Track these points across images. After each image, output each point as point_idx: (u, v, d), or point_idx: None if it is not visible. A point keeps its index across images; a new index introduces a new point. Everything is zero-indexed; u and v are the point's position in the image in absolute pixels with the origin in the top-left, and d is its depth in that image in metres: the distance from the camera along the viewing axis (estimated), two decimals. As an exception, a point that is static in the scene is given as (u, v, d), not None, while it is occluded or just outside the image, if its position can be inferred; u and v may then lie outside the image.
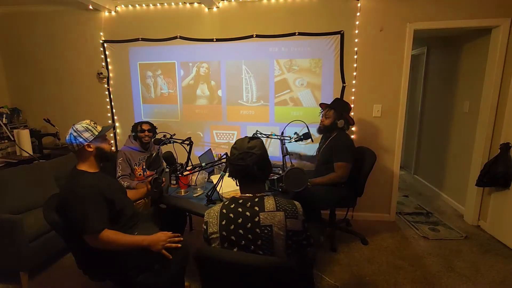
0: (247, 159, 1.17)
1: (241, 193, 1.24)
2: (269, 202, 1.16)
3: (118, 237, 1.48)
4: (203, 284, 1.21)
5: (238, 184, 1.26)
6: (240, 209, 1.15)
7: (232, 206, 1.18)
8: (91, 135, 1.56)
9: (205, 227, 1.20)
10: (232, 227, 1.13)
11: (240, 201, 1.18)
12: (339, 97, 2.87)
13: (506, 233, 2.56)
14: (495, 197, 2.70)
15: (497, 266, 2.29)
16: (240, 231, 1.12)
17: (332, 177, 2.31)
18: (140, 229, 1.70)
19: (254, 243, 1.11)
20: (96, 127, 1.60)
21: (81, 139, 1.53)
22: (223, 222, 1.15)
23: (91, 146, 1.57)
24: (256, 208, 1.14)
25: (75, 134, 1.53)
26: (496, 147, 2.63)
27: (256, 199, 1.17)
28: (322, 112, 2.53)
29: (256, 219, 1.12)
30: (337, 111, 2.41)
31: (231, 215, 1.15)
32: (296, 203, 1.21)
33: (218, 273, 1.14)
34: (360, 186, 2.47)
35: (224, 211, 1.17)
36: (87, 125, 1.57)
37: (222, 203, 1.23)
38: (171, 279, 1.62)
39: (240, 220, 1.13)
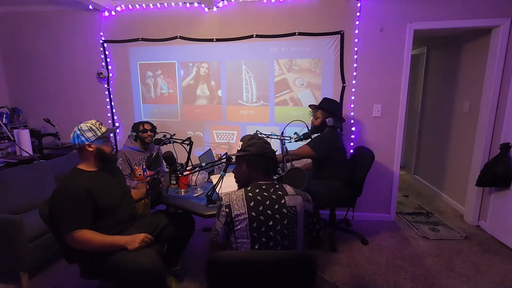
0: (270, 149, 1.39)
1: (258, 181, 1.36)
2: (288, 188, 1.33)
3: (95, 237, 1.48)
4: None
5: (255, 177, 1.36)
6: (265, 193, 1.28)
7: (257, 190, 1.29)
8: (93, 135, 1.58)
9: (227, 210, 1.25)
10: (261, 208, 1.24)
11: (264, 186, 1.31)
12: (339, 97, 2.88)
13: (506, 233, 2.56)
14: (495, 197, 2.70)
15: (497, 266, 2.29)
16: (269, 211, 1.24)
17: (294, 151, 2.40)
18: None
19: (281, 222, 1.23)
20: (101, 128, 1.63)
21: (83, 138, 1.56)
22: (252, 204, 1.25)
23: (91, 146, 1.58)
24: (280, 192, 1.29)
25: (78, 132, 1.56)
26: (496, 147, 2.63)
27: (277, 186, 1.33)
28: (312, 113, 2.55)
29: (283, 201, 1.26)
30: (325, 110, 2.44)
31: (258, 197, 1.26)
32: (305, 192, 1.39)
33: (231, 276, 1.13)
34: (359, 186, 2.47)
35: (250, 194, 1.28)
36: (91, 125, 1.60)
37: (242, 189, 1.32)
38: None
39: (268, 202, 1.25)
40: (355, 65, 2.82)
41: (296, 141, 2.49)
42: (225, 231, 1.27)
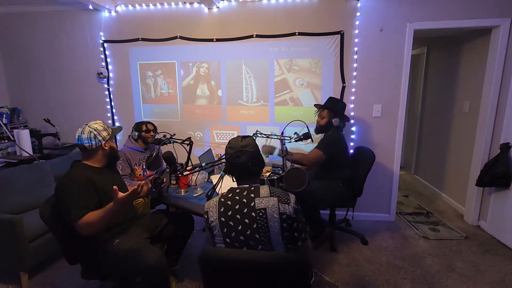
0: (242, 157, 1.30)
1: (238, 185, 1.35)
2: (264, 190, 1.28)
3: (96, 215, 1.43)
4: (205, 285, 1.21)
5: (234, 180, 1.38)
6: (237, 197, 1.26)
7: (230, 195, 1.29)
8: (108, 134, 1.63)
9: (206, 216, 1.29)
10: (230, 213, 1.23)
11: (237, 190, 1.30)
12: (339, 97, 2.88)
13: (506, 233, 2.56)
14: (495, 197, 2.70)
15: (497, 266, 2.29)
16: (238, 216, 1.22)
17: (305, 156, 2.33)
18: (130, 234, 1.69)
19: (251, 227, 1.20)
20: (108, 128, 1.67)
21: (100, 138, 1.59)
22: (222, 209, 1.25)
23: (106, 145, 1.63)
24: (252, 195, 1.25)
25: (95, 133, 1.58)
26: (496, 147, 2.63)
27: (252, 188, 1.29)
28: (317, 112, 2.54)
29: (252, 204, 1.22)
30: (331, 110, 2.43)
31: (229, 202, 1.26)
32: (291, 194, 1.29)
33: (222, 272, 1.16)
34: (359, 186, 2.47)
35: (223, 199, 1.28)
36: (103, 125, 1.64)
37: (221, 194, 1.32)
38: None
39: (237, 207, 1.24)
40: (355, 65, 2.82)
41: (296, 141, 2.49)
42: (210, 235, 1.30)
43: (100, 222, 1.42)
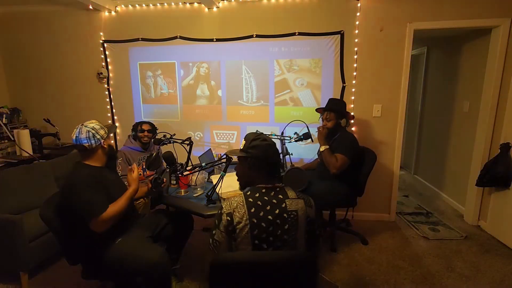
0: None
1: (259, 184, 1.28)
2: (290, 191, 1.26)
3: (115, 207, 1.53)
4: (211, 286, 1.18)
5: (256, 179, 1.29)
6: (266, 197, 1.22)
7: (257, 195, 1.23)
8: (105, 132, 1.63)
9: (229, 218, 1.18)
10: (262, 213, 1.18)
11: (263, 190, 1.24)
12: (339, 97, 2.88)
13: (506, 233, 2.56)
14: (495, 197, 2.70)
15: (497, 266, 2.29)
16: (269, 217, 1.18)
17: (334, 164, 2.25)
18: (131, 233, 1.70)
19: (282, 228, 1.18)
20: (104, 126, 1.67)
21: (98, 137, 1.59)
22: (252, 210, 1.18)
23: (105, 143, 1.63)
24: (281, 196, 1.23)
25: (93, 132, 1.57)
26: (496, 147, 2.63)
27: (278, 189, 1.26)
28: (321, 116, 2.53)
29: (283, 205, 1.20)
30: (337, 111, 2.42)
31: (259, 202, 1.20)
32: (308, 196, 1.31)
33: (233, 276, 1.14)
34: (361, 186, 2.47)
35: (251, 200, 1.21)
36: (99, 124, 1.64)
37: (241, 194, 1.25)
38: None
39: (268, 207, 1.20)
40: (355, 65, 2.82)
41: (296, 141, 2.49)
42: (227, 240, 1.19)
43: (120, 210, 1.53)
